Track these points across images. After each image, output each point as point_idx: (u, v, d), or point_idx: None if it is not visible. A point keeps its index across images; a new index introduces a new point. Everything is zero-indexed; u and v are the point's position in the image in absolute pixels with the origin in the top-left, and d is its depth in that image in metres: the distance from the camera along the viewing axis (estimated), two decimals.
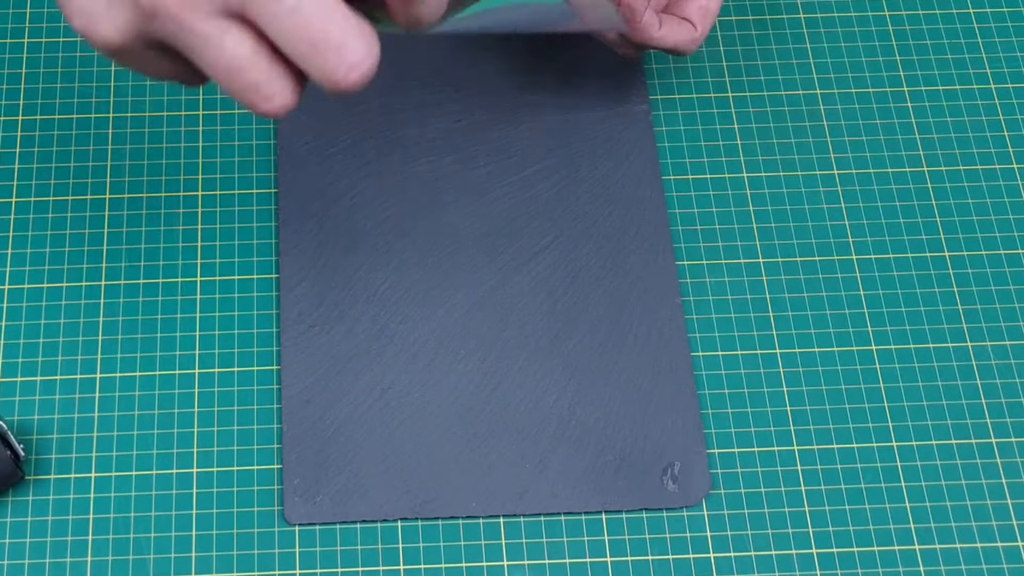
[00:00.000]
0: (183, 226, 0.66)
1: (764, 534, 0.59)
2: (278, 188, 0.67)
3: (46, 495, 0.60)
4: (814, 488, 0.60)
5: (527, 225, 0.66)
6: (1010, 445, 0.61)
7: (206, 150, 0.68)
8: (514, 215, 0.66)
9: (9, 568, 0.58)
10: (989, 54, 0.71)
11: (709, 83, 0.70)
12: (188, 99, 0.69)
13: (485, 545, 0.59)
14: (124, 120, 0.69)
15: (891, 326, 0.64)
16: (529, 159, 0.67)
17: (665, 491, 0.60)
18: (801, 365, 0.63)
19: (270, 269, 0.65)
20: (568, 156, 0.67)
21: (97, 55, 0.70)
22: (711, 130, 0.69)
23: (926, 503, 0.60)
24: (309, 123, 0.68)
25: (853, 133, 0.69)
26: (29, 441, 0.61)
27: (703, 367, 0.63)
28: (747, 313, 0.64)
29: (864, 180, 0.68)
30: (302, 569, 0.59)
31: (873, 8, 0.73)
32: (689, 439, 0.61)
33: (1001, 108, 0.70)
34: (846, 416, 0.62)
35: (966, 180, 0.68)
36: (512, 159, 0.67)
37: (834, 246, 0.66)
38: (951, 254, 0.66)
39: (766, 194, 0.67)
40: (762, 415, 0.62)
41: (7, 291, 0.64)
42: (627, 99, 0.69)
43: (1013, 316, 0.64)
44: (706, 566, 0.59)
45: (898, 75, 0.71)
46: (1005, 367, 0.63)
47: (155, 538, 0.59)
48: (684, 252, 0.66)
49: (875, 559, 0.59)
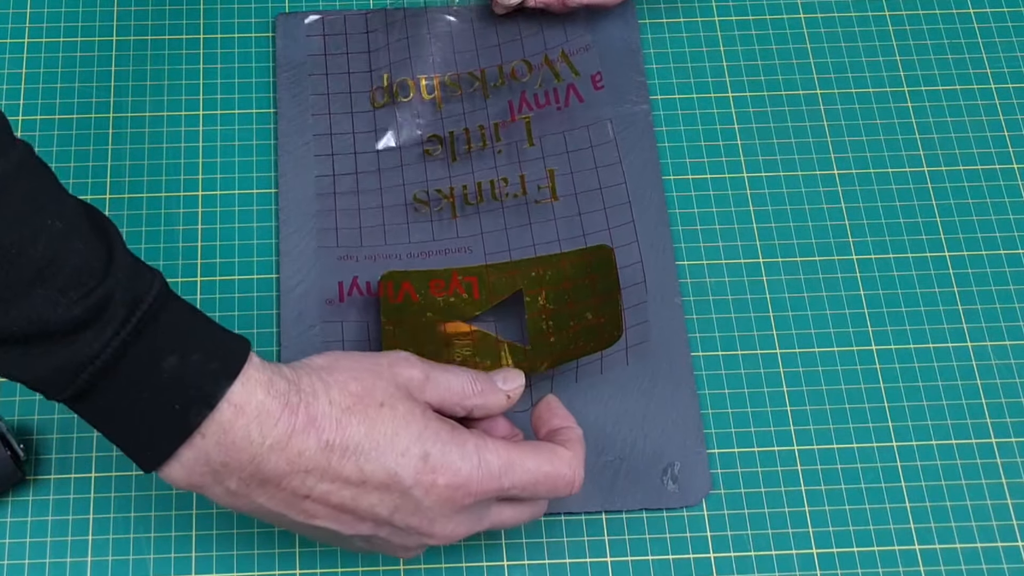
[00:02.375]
0: (183, 226, 0.66)
1: (764, 534, 0.59)
2: (278, 188, 0.67)
3: (46, 495, 0.60)
4: (814, 488, 0.60)
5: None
6: (1010, 445, 0.61)
7: (206, 150, 0.68)
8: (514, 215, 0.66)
9: (9, 568, 0.58)
10: (989, 54, 0.71)
11: (709, 83, 0.70)
12: (188, 99, 0.69)
13: (485, 545, 0.59)
14: (124, 120, 0.69)
15: (891, 326, 0.64)
16: (529, 159, 0.67)
17: (665, 491, 0.60)
18: (801, 365, 0.63)
19: (270, 269, 0.65)
20: (568, 156, 0.67)
21: (96, 55, 0.70)
22: (711, 130, 0.69)
23: (926, 503, 0.60)
24: (309, 123, 0.68)
25: (853, 133, 0.69)
26: (29, 441, 0.61)
27: (703, 367, 0.63)
28: (747, 313, 0.64)
29: (864, 180, 0.68)
30: (303, 569, 0.59)
31: (873, 8, 0.73)
32: (689, 439, 0.61)
33: (1001, 108, 0.70)
34: (846, 416, 0.62)
35: (966, 180, 0.68)
36: (512, 160, 0.67)
37: (834, 246, 0.66)
38: (951, 254, 0.66)
39: (766, 194, 0.67)
40: (762, 415, 0.62)
41: None
42: (627, 99, 0.69)
43: (1013, 316, 0.64)
44: (706, 566, 0.59)
45: (898, 75, 0.71)
46: (1005, 367, 0.63)
47: (155, 538, 0.59)
48: (684, 252, 0.66)
49: (875, 559, 0.59)
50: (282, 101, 0.69)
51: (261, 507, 0.50)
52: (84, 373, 0.46)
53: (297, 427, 0.49)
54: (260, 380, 0.49)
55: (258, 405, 0.48)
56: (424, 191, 0.66)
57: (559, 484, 0.53)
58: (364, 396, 0.51)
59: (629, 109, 0.69)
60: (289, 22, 0.71)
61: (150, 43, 0.71)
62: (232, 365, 0.48)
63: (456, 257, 0.64)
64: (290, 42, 0.70)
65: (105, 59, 0.70)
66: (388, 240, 0.65)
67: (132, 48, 0.71)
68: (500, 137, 0.67)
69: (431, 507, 0.51)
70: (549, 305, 0.61)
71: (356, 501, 0.50)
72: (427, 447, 0.50)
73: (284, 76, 0.69)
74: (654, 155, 0.68)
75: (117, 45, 0.71)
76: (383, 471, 0.50)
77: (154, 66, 0.70)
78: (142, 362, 0.47)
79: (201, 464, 0.49)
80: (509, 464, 0.52)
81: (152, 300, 0.48)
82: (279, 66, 0.70)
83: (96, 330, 0.46)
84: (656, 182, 0.67)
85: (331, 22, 0.71)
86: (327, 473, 0.49)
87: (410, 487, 0.50)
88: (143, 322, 0.47)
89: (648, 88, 0.70)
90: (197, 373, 0.48)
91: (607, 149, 0.67)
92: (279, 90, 0.69)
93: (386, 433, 0.50)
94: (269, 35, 0.71)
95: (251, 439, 0.48)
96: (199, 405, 0.48)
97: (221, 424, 0.48)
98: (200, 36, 0.71)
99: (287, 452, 0.49)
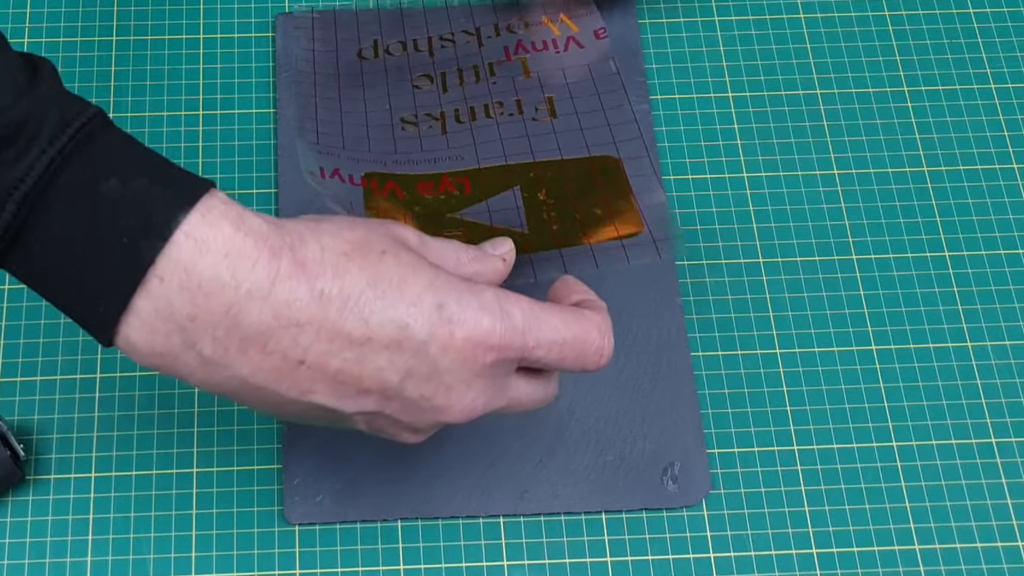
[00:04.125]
0: None
1: (764, 534, 0.59)
2: (278, 187, 0.67)
3: (46, 495, 0.60)
4: (814, 488, 0.60)
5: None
6: (1010, 445, 0.61)
7: (206, 150, 0.68)
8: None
9: (9, 568, 0.58)
10: (989, 54, 0.71)
11: (709, 83, 0.70)
12: (188, 99, 0.69)
13: (485, 545, 0.59)
14: (124, 120, 0.69)
15: (891, 326, 0.64)
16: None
17: (665, 491, 0.60)
18: (801, 365, 0.63)
19: None
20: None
21: (96, 55, 0.70)
22: (711, 130, 0.69)
23: (926, 503, 0.60)
24: (309, 123, 0.68)
25: (853, 133, 0.69)
26: (29, 441, 0.61)
27: (703, 367, 0.63)
28: (747, 313, 0.64)
29: (864, 180, 0.68)
30: (302, 569, 0.59)
31: (873, 8, 0.73)
32: (689, 439, 0.61)
33: (1001, 108, 0.70)
34: (846, 416, 0.62)
35: (966, 180, 0.68)
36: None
37: (834, 246, 0.66)
38: (951, 254, 0.66)
39: (766, 194, 0.67)
40: (762, 415, 0.62)
41: (7, 291, 0.64)
42: (627, 99, 0.69)
43: (1013, 316, 0.64)
44: (706, 566, 0.59)
45: (898, 75, 0.71)
46: (1005, 367, 0.63)
47: (155, 538, 0.59)
48: (684, 252, 0.66)
49: (875, 559, 0.59)
50: (282, 101, 0.69)
51: (245, 382, 0.42)
52: (9, 201, 0.39)
53: (282, 272, 0.41)
54: (227, 214, 0.41)
55: (226, 241, 0.40)
56: (413, 114, 0.62)
57: (588, 350, 0.46)
58: (361, 243, 0.43)
59: (629, 109, 0.69)
60: (289, 22, 0.71)
61: (150, 43, 0.71)
62: (189, 193, 0.40)
63: (446, 164, 0.59)
64: (290, 42, 0.70)
65: (105, 59, 0.70)
66: (372, 148, 0.61)
67: (132, 48, 0.71)
68: (495, 72, 0.65)
69: (449, 368, 0.43)
70: (550, 200, 0.55)
71: (360, 364, 0.42)
72: (441, 296, 0.42)
73: (284, 76, 0.69)
74: (654, 155, 0.68)
75: (117, 45, 0.71)
76: (392, 324, 0.42)
77: (154, 66, 0.70)
78: (76, 186, 0.40)
79: (164, 318, 0.40)
80: (534, 319, 0.44)
81: (86, 120, 0.40)
82: (279, 66, 0.70)
83: (16, 149, 0.39)
84: (656, 182, 0.67)
85: (321, 21, 0.71)
86: (324, 327, 0.41)
87: (424, 342, 0.42)
88: (75, 141, 0.40)
89: (648, 88, 0.70)
90: (146, 198, 0.40)
91: (610, 79, 0.63)
92: (279, 90, 0.69)
93: (392, 280, 0.42)
94: (269, 35, 0.71)
95: (221, 281, 0.40)
96: (150, 237, 0.39)
97: (180, 262, 0.40)
98: (200, 36, 0.71)
99: (271, 301, 0.40)
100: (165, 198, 0.40)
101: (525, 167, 0.56)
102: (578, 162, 0.57)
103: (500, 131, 0.60)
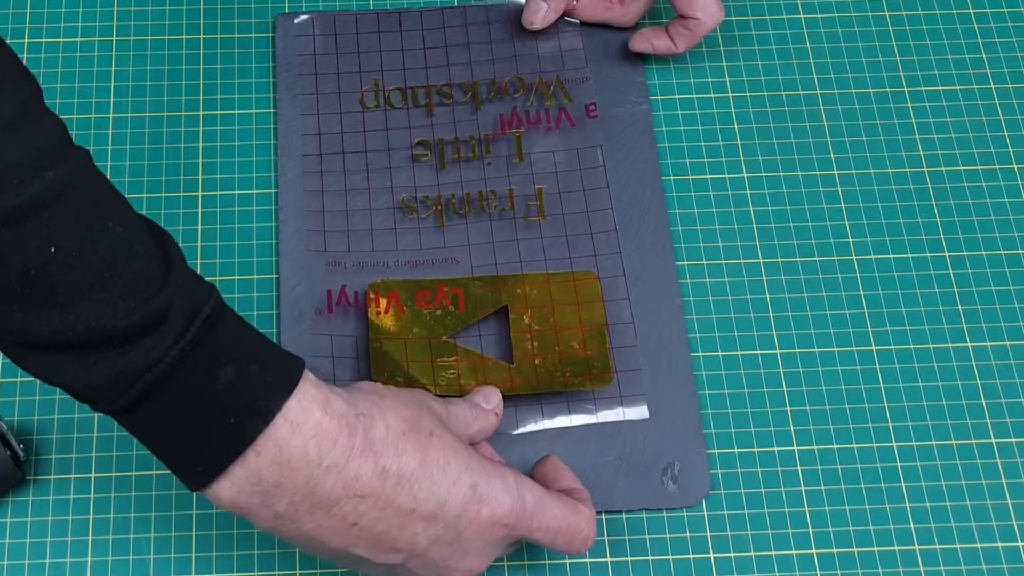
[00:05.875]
0: (183, 226, 0.66)
1: (764, 534, 0.59)
2: (278, 188, 0.67)
3: (46, 495, 0.60)
4: (814, 488, 0.60)
5: (528, 225, 0.66)
6: (1010, 445, 0.61)
7: (206, 150, 0.68)
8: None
9: (9, 568, 0.58)
10: (989, 54, 0.71)
11: (709, 83, 0.70)
12: (188, 99, 0.69)
13: None
14: (124, 120, 0.69)
15: (891, 326, 0.64)
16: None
17: (665, 491, 0.60)
18: (801, 365, 0.63)
19: (270, 269, 0.65)
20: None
21: (96, 55, 0.70)
22: (711, 130, 0.69)
23: (926, 503, 0.60)
24: (309, 123, 0.68)
25: (853, 133, 0.69)
26: (29, 441, 0.61)
27: (703, 367, 0.63)
28: (747, 313, 0.64)
29: (864, 180, 0.68)
30: (303, 569, 0.59)
31: (873, 8, 0.73)
32: (689, 439, 0.61)
33: (1001, 108, 0.70)
34: (846, 416, 0.62)
35: (966, 180, 0.68)
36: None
37: (834, 246, 0.66)
38: (951, 254, 0.66)
39: (766, 194, 0.67)
40: (762, 415, 0.62)
41: None
42: (627, 99, 0.69)
43: (1013, 316, 0.64)
44: (706, 566, 0.59)
45: (898, 75, 0.71)
46: (1005, 367, 0.63)
47: (155, 538, 0.59)
48: (684, 252, 0.66)
49: (875, 559, 0.59)
50: (282, 101, 0.69)
51: (305, 534, 0.49)
52: (140, 382, 0.45)
53: (356, 449, 0.47)
54: (317, 398, 0.47)
55: (315, 424, 0.47)
56: (412, 196, 0.66)
57: (576, 537, 0.53)
58: (415, 423, 0.50)
59: (629, 109, 0.69)
60: (288, 22, 0.71)
61: (150, 43, 0.71)
62: (289, 379, 0.47)
63: (443, 268, 0.64)
64: (289, 42, 0.70)
65: (105, 59, 0.70)
66: (376, 246, 0.65)
67: (132, 48, 0.71)
68: (490, 149, 0.67)
69: (469, 538, 0.50)
70: (534, 325, 0.62)
71: (400, 530, 0.49)
72: (476, 477, 0.50)
73: (284, 76, 0.69)
74: (654, 155, 0.68)
75: (117, 45, 0.71)
76: (434, 500, 0.49)
77: (154, 66, 0.70)
78: (199, 372, 0.45)
79: (252, 483, 0.47)
80: (540, 505, 0.52)
81: (211, 310, 0.46)
82: (279, 66, 0.70)
83: (155, 338, 0.45)
84: (656, 183, 0.67)
85: (321, 22, 0.71)
86: (380, 498, 0.48)
87: (457, 516, 0.49)
88: (202, 332, 0.45)
89: (648, 88, 0.70)
90: (254, 385, 0.46)
91: (596, 174, 0.67)
92: (279, 90, 0.69)
93: (438, 461, 0.49)
94: (269, 35, 0.71)
95: (308, 459, 0.47)
96: (255, 419, 0.46)
97: (277, 441, 0.46)
98: (200, 36, 0.71)
99: (344, 475, 0.47)
100: (270, 386, 0.46)
101: (514, 282, 0.63)
102: (561, 279, 0.63)
103: (492, 233, 0.65)
